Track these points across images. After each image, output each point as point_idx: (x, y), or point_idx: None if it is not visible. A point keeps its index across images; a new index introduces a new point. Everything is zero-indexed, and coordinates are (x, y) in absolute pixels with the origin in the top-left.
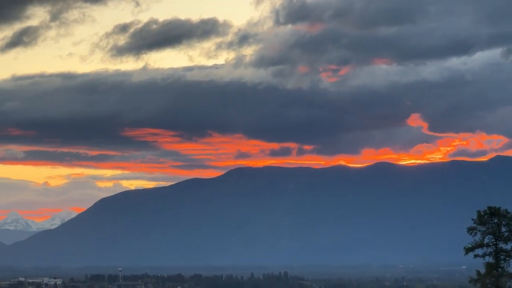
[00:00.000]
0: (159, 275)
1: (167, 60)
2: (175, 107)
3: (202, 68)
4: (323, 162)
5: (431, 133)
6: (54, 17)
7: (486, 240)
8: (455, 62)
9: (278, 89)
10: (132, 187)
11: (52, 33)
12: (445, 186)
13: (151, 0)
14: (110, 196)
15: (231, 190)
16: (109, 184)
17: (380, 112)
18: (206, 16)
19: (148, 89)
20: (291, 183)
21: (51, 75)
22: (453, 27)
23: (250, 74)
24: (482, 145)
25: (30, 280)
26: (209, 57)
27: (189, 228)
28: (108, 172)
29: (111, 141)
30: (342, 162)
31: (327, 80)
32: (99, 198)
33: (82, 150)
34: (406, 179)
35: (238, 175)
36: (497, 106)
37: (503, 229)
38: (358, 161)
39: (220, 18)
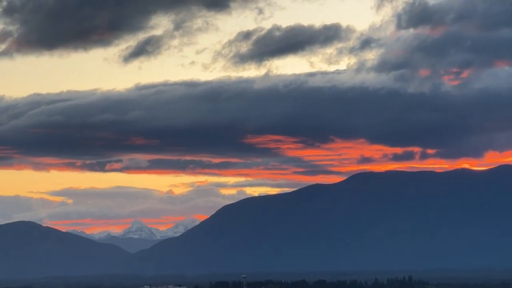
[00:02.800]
0: (283, 281)
1: (289, 66)
2: (297, 113)
3: (324, 73)
4: (446, 166)
5: None
6: (178, 26)
7: None
8: None
9: (400, 94)
10: (256, 194)
11: (175, 42)
12: None
13: (275, 7)
14: (233, 203)
15: (353, 195)
16: (233, 191)
17: (503, 115)
18: (329, 22)
19: (270, 95)
20: (413, 187)
21: (174, 84)
22: None
23: (371, 79)
24: None
25: None
26: (330, 63)
27: (312, 233)
28: (231, 180)
29: (233, 148)
30: (466, 166)
31: (449, 83)
32: (222, 206)
33: (205, 158)
34: None
35: (360, 180)
36: None
37: None
38: (482, 164)
39: (343, 24)
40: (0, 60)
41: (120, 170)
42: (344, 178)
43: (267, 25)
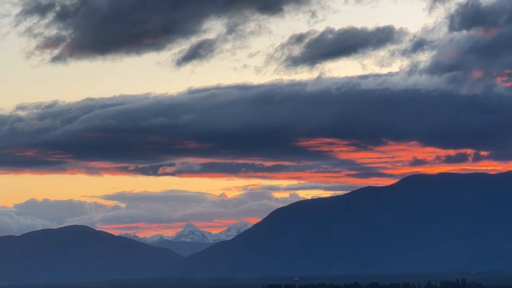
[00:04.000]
0: (335, 284)
1: (342, 69)
2: (349, 116)
3: (376, 76)
4: (500, 167)
5: None
6: (231, 29)
7: None
8: None
9: (452, 95)
10: (309, 197)
11: (228, 45)
12: None
13: (328, 10)
14: (285, 206)
15: (406, 197)
16: (285, 194)
17: None
18: (382, 24)
19: (322, 98)
20: (466, 189)
21: (227, 87)
22: None
23: (424, 81)
24: None
25: None
26: (383, 65)
27: (364, 236)
28: (284, 183)
29: (286, 151)
30: None
31: (502, 84)
32: (274, 209)
33: (257, 161)
34: None
35: (413, 182)
36: None
37: None
38: None
39: (396, 26)
40: (54, 65)
41: (173, 174)
42: (397, 180)
43: (320, 28)
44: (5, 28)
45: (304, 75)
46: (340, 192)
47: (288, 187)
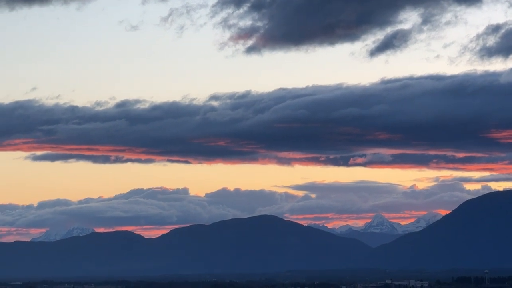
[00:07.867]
0: None
1: None
2: None
3: None
4: None
5: None
6: (426, 20)
7: None
8: None
9: None
10: (501, 189)
11: (422, 36)
12: None
13: None
14: (475, 198)
15: None
16: (477, 186)
17: None
18: None
19: None
20: None
21: (420, 78)
22: None
23: None
24: None
25: (396, 283)
26: None
27: None
28: (475, 174)
29: (477, 142)
30: None
31: None
32: (464, 200)
33: (449, 153)
34: None
35: None
36: None
37: None
38: None
39: None
40: (248, 56)
41: (364, 164)
42: None
43: None
44: (202, 19)
45: (498, 65)
46: None
47: (479, 179)
